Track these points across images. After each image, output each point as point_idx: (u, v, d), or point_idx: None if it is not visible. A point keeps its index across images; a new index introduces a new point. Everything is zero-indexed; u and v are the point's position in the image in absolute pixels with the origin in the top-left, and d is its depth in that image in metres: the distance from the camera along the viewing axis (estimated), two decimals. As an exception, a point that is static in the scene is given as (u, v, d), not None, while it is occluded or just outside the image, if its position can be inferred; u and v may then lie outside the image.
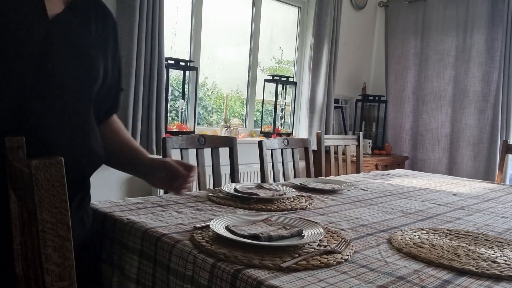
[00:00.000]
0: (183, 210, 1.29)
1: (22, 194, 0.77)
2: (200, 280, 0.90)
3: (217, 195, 1.53)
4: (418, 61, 4.03)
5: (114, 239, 1.16)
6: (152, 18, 2.39)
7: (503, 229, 1.33)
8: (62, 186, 0.63)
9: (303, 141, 2.52)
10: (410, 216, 1.44)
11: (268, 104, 3.45)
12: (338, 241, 1.06)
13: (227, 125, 3.05)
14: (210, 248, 0.94)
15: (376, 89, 4.33)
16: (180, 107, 2.84)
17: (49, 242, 0.63)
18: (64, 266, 0.64)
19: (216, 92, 3.33)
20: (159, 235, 1.04)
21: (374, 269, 0.91)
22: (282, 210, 1.40)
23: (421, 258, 0.99)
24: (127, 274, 1.10)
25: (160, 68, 2.47)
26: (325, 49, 3.48)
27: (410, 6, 4.06)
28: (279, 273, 0.85)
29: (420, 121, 4.01)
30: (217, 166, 2.04)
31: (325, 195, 1.69)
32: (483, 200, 1.84)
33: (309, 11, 3.63)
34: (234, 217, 1.17)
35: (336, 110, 3.91)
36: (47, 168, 0.62)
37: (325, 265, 0.91)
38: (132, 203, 1.34)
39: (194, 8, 2.91)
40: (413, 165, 4.03)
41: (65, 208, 0.64)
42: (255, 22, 3.35)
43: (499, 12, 3.56)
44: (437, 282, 0.87)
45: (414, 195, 1.82)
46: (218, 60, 3.27)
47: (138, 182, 2.57)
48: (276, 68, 3.69)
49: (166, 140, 1.85)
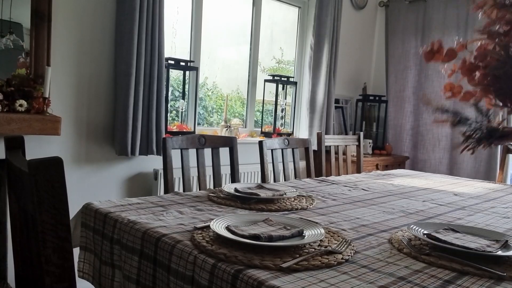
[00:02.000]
0: (184, 210, 1.29)
1: (21, 195, 0.77)
2: (201, 280, 0.90)
3: (218, 195, 1.53)
4: (418, 61, 4.03)
5: (114, 239, 1.16)
6: (152, 18, 2.39)
7: (504, 229, 1.33)
8: (62, 187, 0.63)
9: (303, 141, 2.52)
10: (411, 216, 1.44)
11: (268, 104, 3.45)
12: (339, 241, 1.06)
13: (227, 125, 3.04)
14: (211, 248, 0.94)
15: (377, 89, 4.32)
16: (180, 107, 2.84)
17: (49, 243, 0.62)
18: (64, 268, 0.64)
19: (216, 92, 3.33)
20: (160, 235, 1.04)
21: (375, 269, 0.91)
22: (283, 210, 1.39)
23: (422, 259, 0.99)
24: (128, 275, 1.10)
25: (160, 68, 2.46)
26: (325, 49, 3.48)
27: (410, 6, 4.05)
28: (280, 274, 0.85)
29: (421, 121, 4.00)
30: (217, 166, 2.04)
31: (326, 195, 1.69)
32: (484, 200, 1.83)
33: (309, 11, 3.63)
34: (234, 217, 1.17)
35: (336, 110, 3.91)
36: (46, 168, 0.62)
37: (325, 265, 0.91)
38: (132, 203, 1.33)
39: (194, 8, 2.91)
40: (414, 165, 4.03)
41: (65, 209, 0.64)
42: (255, 22, 3.35)
43: (500, 11, 3.55)
44: (438, 282, 0.87)
45: (415, 195, 1.82)
46: (218, 60, 3.27)
47: (138, 182, 2.57)
48: (277, 68, 3.69)
49: (166, 140, 1.84)
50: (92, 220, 1.24)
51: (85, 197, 2.21)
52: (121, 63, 2.32)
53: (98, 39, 2.34)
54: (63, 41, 2.21)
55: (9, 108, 1.90)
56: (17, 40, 2.07)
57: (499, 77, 0.94)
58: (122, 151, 2.35)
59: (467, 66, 1.00)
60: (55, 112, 2.09)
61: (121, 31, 2.32)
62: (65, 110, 2.23)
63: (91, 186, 2.38)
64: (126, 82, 2.32)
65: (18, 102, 1.92)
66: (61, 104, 2.22)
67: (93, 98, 2.36)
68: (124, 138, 2.34)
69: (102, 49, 2.36)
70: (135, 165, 2.55)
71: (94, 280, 1.25)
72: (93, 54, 2.33)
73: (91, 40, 2.31)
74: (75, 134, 2.31)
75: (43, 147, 2.17)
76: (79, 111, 2.31)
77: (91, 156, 2.38)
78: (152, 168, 2.61)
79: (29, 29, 2.05)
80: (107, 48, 2.37)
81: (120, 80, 2.33)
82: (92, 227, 1.24)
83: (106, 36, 2.36)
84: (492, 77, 0.95)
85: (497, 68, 0.93)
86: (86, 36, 2.29)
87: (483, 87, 0.97)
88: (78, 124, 2.32)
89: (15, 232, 0.96)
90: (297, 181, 2.03)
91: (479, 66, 0.98)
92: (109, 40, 2.37)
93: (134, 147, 2.39)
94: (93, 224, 1.24)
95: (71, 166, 2.30)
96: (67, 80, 2.25)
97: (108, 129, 2.42)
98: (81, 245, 1.28)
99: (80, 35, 2.27)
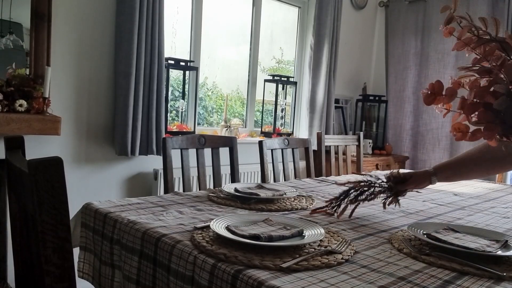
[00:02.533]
0: (184, 210, 1.29)
1: (21, 195, 0.77)
2: (201, 280, 0.90)
3: (218, 195, 1.53)
4: (418, 61, 4.03)
5: (114, 239, 1.16)
6: (152, 18, 2.39)
7: (504, 229, 1.33)
8: (62, 187, 0.63)
9: (303, 141, 2.52)
10: (411, 216, 1.44)
11: (268, 104, 3.44)
12: (339, 241, 1.06)
13: (227, 125, 3.04)
14: (211, 248, 0.94)
15: (377, 89, 4.32)
16: (180, 107, 2.84)
17: (49, 243, 0.62)
18: (64, 268, 0.64)
19: (216, 92, 3.33)
20: (160, 235, 1.04)
21: (375, 269, 0.91)
22: (283, 210, 1.39)
23: (422, 259, 0.99)
24: (127, 275, 1.10)
25: (160, 68, 2.46)
26: (325, 49, 3.48)
27: (410, 6, 4.05)
28: (280, 274, 0.85)
29: (421, 121, 4.00)
30: (217, 166, 2.04)
31: (326, 195, 1.69)
32: (484, 200, 1.83)
33: (309, 11, 3.63)
34: (234, 217, 1.17)
35: (336, 110, 3.91)
36: (46, 168, 0.62)
37: (325, 265, 0.91)
38: (132, 203, 1.33)
39: (194, 8, 2.91)
40: (414, 165, 4.03)
41: (65, 209, 0.64)
42: (255, 22, 3.35)
43: (499, 12, 3.55)
44: (438, 282, 0.87)
45: (415, 195, 1.82)
46: (218, 60, 3.27)
47: (138, 182, 2.58)
48: (276, 68, 3.69)
49: (166, 140, 1.84)
50: (92, 220, 1.24)
51: (85, 197, 2.21)
52: (121, 63, 2.32)
53: (98, 39, 2.34)
54: (63, 41, 2.21)
55: (9, 108, 1.90)
56: (17, 40, 2.07)
57: (502, 112, 0.95)
58: (122, 151, 2.35)
59: (468, 106, 1.00)
60: (55, 112, 2.09)
61: (121, 31, 2.32)
62: (65, 110, 2.23)
63: (91, 186, 2.38)
64: (126, 82, 2.32)
65: (18, 102, 1.92)
66: (61, 104, 2.22)
67: (93, 98, 2.36)
68: (124, 138, 2.34)
69: (102, 49, 2.36)
70: (135, 165, 2.55)
71: (94, 280, 1.25)
72: (93, 54, 2.33)
73: (91, 40, 2.31)
74: (75, 134, 2.31)
75: (43, 147, 2.17)
76: (79, 111, 2.31)
77: (91, 156, 2.38)
78: (152, 168, 2.61)
79: (29, 29, 2.05)
80: (107, 48, 2.37)
81: (120, 80, 2.33)
82: (92, 227, 1.24)
83: (106, 36, 2.36)
84: (495, 113, 0.96)
85: (501, 103, 0.93)
86: (86, 36, 2.29)
87: (487, 125, 0.98)
88: (78, 124, 2.32)
89: (15, 232, 0.96)
90: (297, 181, 2.03)
91: (479, 104, 0.98)
92: (109, 40, 2.37)
93: (134, 147, 2.39)
94: (93, 224, 1.24)
95: (71, 166, 2.30)
96: (67, 80, 2.25)
97: (108, 129, 2.42)
98: (81, 245, 1.28)
99: (80, 35, 2.27)
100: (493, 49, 0.99)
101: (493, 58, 1.00)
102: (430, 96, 1.10)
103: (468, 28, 1.04)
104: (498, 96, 0.94)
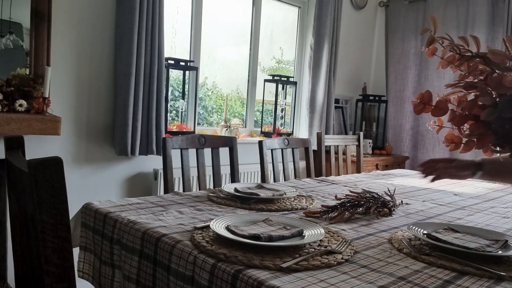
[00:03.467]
0: (184, 210, 1.29)
1: (21, 195, 0.77)
2: (201, 280, 0.90)
3: (217, 195, 1.53)
4: (418, 61, 4.02)
5: (114, 239, 1.16)
6: (152, 18, 2.39)
7: (504, 229, 1.33)
8: (62, 187, 0.63)
9: (303, 141, 2.52)
10: (410, 216, 1.44)
11: (268, 104, 3.44)
12: (339, 241, 1.06)
13: (227, 125, 3.04)
14: (211, 248, 0.94)
15: (377, 89, 4.32)
16: (180, 107, 2.84)
17: (49, 243, 0.62)
18: (64, 268, 0.64)
19: (216, 92, 3.33)
20: (159, 235, 1.04)
21: (375, 269, 0.91)
22: (283, 210, 1.39)
23: (422, 259, 0.99)
24: (127, 275, 1.10)
25: (160, 68, 2.46)
26: (325, 49, 3.48)
27: (410, 6, 4.05)
28: (280, 274, 0.85)
29: (421, 121, 4.00)
30: (217, 166, 2.04)
31: (325, 195, 1.69)
32: (484, 200, 1.83)
33: (309, 11, 3.63)
34: (234, 217, 1.17)
35: (336, 110, 3.91)
36: (46, 168, 0.62)
37: (325, 265, 0.91)
38: (132, 203, 1.33)
39: (194, 8, 2.91)
40: (414, 165, 4.03)
41: (64, 209, 0.64)
42: (255, 22, 3.35)
43: (500, 11, 3.55)
44: (438, 282, 0.87)
45: (415, 195, 1.82)
46: (218, 60, 3.27)
47: (138, 182, 2.58)
48: (276, 68, 3.69)
49: (166, 140, 1.84)
50: (92, 220, 1.24)
51: (85, 197, 2.21)
52: (121, 63, 2.32)
53: (98, 39, 2.33)
54: (63, 41, 2.21)
55: (9, 108, 1.90)
56: (17, 40, 2.07)
57: (492, 123, 0.97)
58: (122, 151, 2.35)
59: (457, 118, 1.03)
60: (55, 112, 2.09)
61: (121, 31, 2.32)
62: (65, 110, 2.23)
63: (91, 186, 2.38)
64: (126, 82, 2.32)
65: (18, 102, 1.92)
66: (61, 104, 2.22)
67: (93, 98, 2.36)
68: (124, 138, 2.34)
69: (102, 49, 2.36)
70: (135, 165, 2.55)
71: (94, 280, 1.25)
72: (93, 54, 2.33)
73: (91, 40, 2.31)
74: (75, 134, 2.31)
75: (43, 147, 2.17)
76: (79, 111, 2.31)
77: (91, 156, 2.38)
78: (152, 168, 2.61)
79: (29, 29, 2.05)
80: (107, 48, 2.37)
81: (120, 80, 2.33)
82: (92, 227, 1.24)
83: (106, 36, 2.36)
84: (486, 125, 0.98)
85: (489, 115, 0.95)
86: (86, 36, 2.29)
87: (479, 136, 1.00)
88: (78, 124, 2.31)
89: (15, 232, 0.96)
90: (297, 181, 2.02)
91: (469, 116, 1.01)
92: (109, 40, 2.37)
93: (134, 147, 2.39)
94: (93, 224, 1.24)
95: (71, 166, 2.30)
96: (67, 80, 2.25)
97: (108, 129, 2.42)
98: (81, 245, 1.28)
99: (80, 35, 2.27)
100: (477, 64, 1.01)
101: (477, 74, 1.03)
102: (419, 105, 1.13)
103: (450, 47, 1.07)
104: (485, 108, 0.96)
